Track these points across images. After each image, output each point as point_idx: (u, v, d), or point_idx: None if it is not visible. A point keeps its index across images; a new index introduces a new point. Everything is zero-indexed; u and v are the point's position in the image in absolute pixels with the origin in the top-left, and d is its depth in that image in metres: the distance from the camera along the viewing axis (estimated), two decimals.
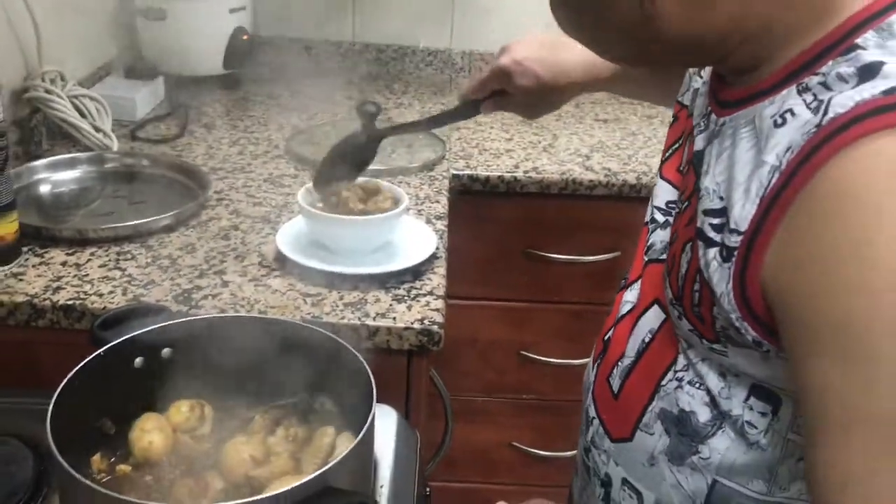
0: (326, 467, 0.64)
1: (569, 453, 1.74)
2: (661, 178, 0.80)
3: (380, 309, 0.99)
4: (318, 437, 0.76)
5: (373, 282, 1.04)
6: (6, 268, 1.03)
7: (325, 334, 0.80)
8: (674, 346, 0.72)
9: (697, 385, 0.70)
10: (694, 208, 0.67)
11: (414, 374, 1.01)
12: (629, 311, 0.80)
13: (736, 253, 0.61)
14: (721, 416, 0.69)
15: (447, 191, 1.39)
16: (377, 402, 0.72)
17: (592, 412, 0.81)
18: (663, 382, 0.72)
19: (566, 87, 0.98)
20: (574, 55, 0.95)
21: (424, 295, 1.03)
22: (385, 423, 0.87)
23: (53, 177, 1.30)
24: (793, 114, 0.59)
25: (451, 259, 1.17)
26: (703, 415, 0.70)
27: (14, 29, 1.34)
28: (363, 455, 0.72)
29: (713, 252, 0.63)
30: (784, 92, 0.61)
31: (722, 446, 0.69)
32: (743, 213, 0.60)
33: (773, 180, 0.58)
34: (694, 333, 0.68)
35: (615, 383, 0.78)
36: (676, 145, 0.80)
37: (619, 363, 0.78)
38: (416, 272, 1.07)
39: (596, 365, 0.82)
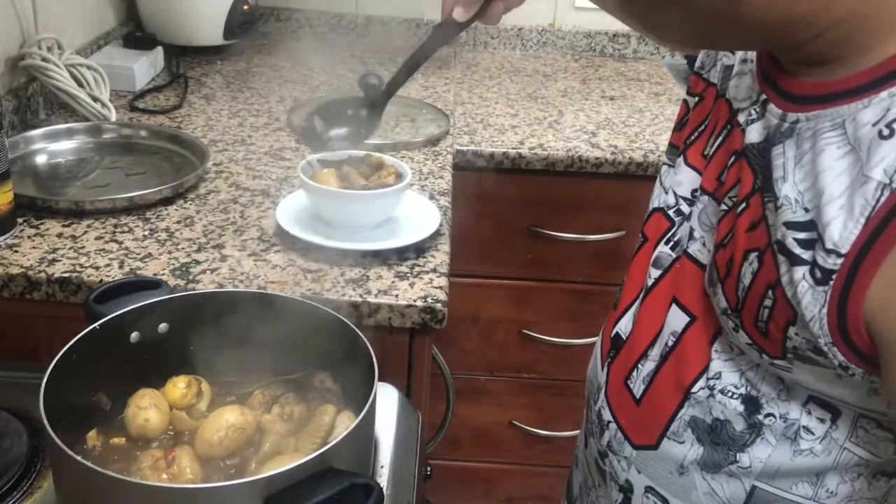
0: (327, 447, 0.62)
1: (568, 433, 1.74)
2: (687, 164, 0.74)
3: (382, 286, 0.97)
4: (317, 416, 0.75)
5: (375, 258, 1.02)
6: (0, 239, 1.00)
7: (326, 311, 0.78)
8: (703, 352, 0.68)
9: (730, 395, 0.66)
10: (758, 212, 0.61)
11: (416, 353, 0.99)
12: (638, 307, 0.74)
13: (835, 276, 0.55)
14: (758, 425, 0.65)
15: (451, 166, 1.37)
16: (379, 380, 0.70)
17: (608, 415, 0.76)
18: (693, 390, 0.68)
19: None
20: None
21: (428, 272, 1.01)
22: (386, 402, 0.86)
23: (50, 147, 1.27)
24: None
25: (454, 236, 1.15)
26: (739, 424, 0.66)
27: None
28: (364, 435, 0.70)
29: (801, 271, 0.56)
30: (883, 94, 0.54)
31: (763, 454, 0.65)
32: (844, 232, 0.54)
33: (882, 199, 0.52)
34: (753, 348, 0.63)
35: (636, 388, 0.73)
36: (702, 127, 0.74)
37: (639, 366, 0.73)
38: (419, 249, 1.05)
39: (606, 364, 0.77)
